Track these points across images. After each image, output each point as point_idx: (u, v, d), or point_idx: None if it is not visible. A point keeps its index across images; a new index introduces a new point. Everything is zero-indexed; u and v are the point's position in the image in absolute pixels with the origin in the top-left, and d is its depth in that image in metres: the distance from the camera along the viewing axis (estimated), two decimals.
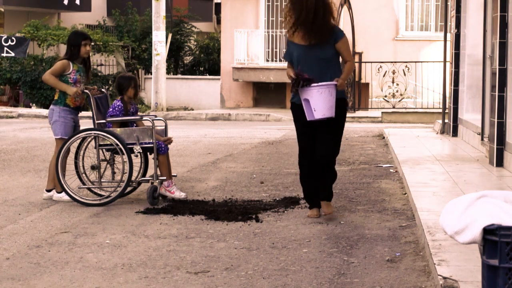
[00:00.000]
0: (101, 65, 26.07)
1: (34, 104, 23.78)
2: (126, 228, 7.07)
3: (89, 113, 8.67)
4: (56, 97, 8.43)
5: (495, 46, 9.86)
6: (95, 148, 8.31)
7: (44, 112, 22.06)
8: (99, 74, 25.04)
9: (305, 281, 5.37)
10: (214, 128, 17.73)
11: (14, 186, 9.29)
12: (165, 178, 8.33)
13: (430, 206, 7.31)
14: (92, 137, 8.28)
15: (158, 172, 8.35)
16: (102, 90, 8.76)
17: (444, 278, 4.95)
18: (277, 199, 8.44)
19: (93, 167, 8.39)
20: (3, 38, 22.60)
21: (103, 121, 8.35)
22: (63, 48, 26.24)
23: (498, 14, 9.74)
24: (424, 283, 5.30)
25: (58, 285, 5.32)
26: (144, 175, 8.77)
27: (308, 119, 6.98)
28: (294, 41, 7.16)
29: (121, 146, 8.11)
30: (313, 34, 7.10)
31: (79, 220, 7.45)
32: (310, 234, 6.76)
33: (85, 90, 8.44)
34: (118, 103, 8.45)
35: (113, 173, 8.58)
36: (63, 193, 8.29)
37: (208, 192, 8.89)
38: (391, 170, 10.52)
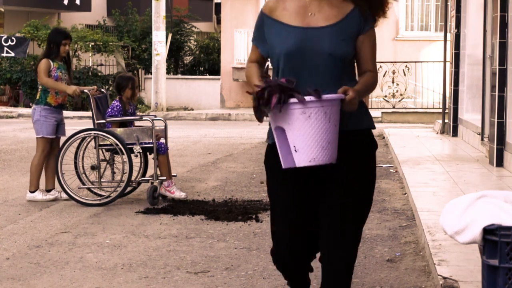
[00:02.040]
0: (101, 65, 26.05)
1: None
2: (126, 228, 7.07)
3: (89, 113, 8.66)
4: (37, 97, 8.48)
5: (495, 46, 9.86)
6: (95, 148, 8.32)
7: None
8: (99, 74, 25.04)
9: None
10: (214, 128, 17.73)
11: (14, 186, 9.29)
12: (165, 178, 8.33)
13: (430, 206, 7.31)
14: (92, 137, 8.29)
15: (158, 172, 8.34)
16: (102, 90, 8.76)
17: (444, 278, 4.95)
18: None
19: (93, 167, 8.39)
20: (3, 38, 22.59)
21: (103, 121, 8.35)
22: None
23: (498, 14, 9.74)
24: (424, 283, 5.30)
25: (58, 285, 5.32)
26: (144, 175, 8.77)
27: (283, 167, 3.75)
28: (281, 18, 3.86)
29: (120, 146, 8.11)
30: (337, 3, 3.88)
31: (79, 220, 7.45)
32: None
33: (85, 90, 8.45)
34: (116, 103, 8.45)
35: (113, 173, 8.58)
36: (36, 193, 8.31)
37: (208, 192, 8.88)
38: (391, 170, 10.52)
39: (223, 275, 5.53)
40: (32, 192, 8.36)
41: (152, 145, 8.25)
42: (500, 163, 9.79)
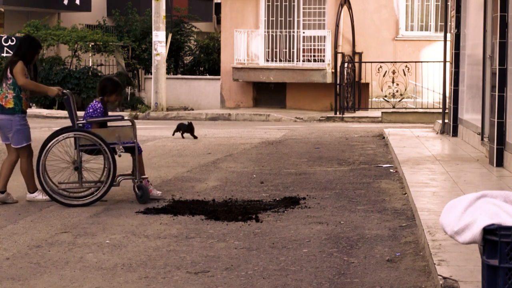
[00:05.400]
0: (101, 65, 26.05)
1: (34, 104, 23.78)
2: (126, 228, 7.07)
3: (80, 113, 8.56)
4: (10, 106, 8.15)
5: (495, 46, 9.86)
6: (75, 149, 8.26)
7: (44, 112, 22.05)
8: (99, 74, 25.04)
9: (305, 281, 5.37)
10: (214, 128, 17.72)
11: (14, 186, 9.28)
12: (146, 177, 8.35)
13: (430, 206, 7.31)
14: (56, 140, 8.23)
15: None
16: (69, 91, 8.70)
17: (444, 278, 4.95)
18: (277, 199, 8.43)
19: (76, 168, 8.27)
20: (3, 38, 22.60)
21: (84, 121, 8.32)
22: (63, 48, 26.24)
23: (498, 14, 9.74)
24: (424, 283, 5.30)
25: (58, 285, 5.32)
26: (108, 175, 8.67)
27: None
28: None
29: (104, 146, 8.11)
30: None
31: (79, 220, 7.45)
32: (310, 234, 6.76)
33: (65, 91, 8.36)
34: (99, 105, 8.42)
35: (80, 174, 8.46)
36: (36, 193, 8.29)
37: (208, 192, 8.88)
38: (391, 170, 10.52)
39: (223, 275, 5.53)
40: (31, 193, 8.35)
41: (132, 144, 8.28)
42: (500, 163, 9.79)
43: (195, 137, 15.03)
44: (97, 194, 8.17)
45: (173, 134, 15.39)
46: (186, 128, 15.23)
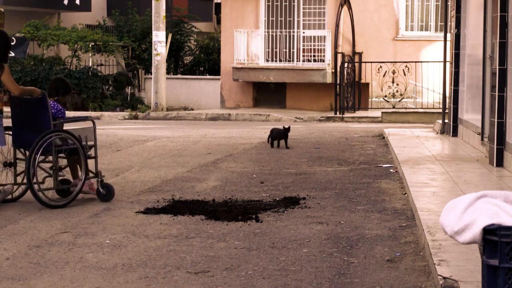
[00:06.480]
0: (101, 65, 26.05)
1: None
2: (126, 228, 7.07)
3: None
4: None
5: (495, 46, 9.86)
6: (49, 150, 8.17)
7: None
8: (99, 74, 25.04)
9: (305, 281, 5.37)
10: (214, 128, 17.73)
11: (15, 186, 9.27)
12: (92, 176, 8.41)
13: (430, 206, 7.31)
14: None
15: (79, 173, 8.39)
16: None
17: (444, 278, 4.95)
18: (277, 199, 8.43)
19: (52, 169, 8.25)
20: None
21: (58, 121, 8.32)
22: (63, 48, 26.23)
23: (498, 14, 9.74)
24: (424, 283, 5.30)
25: (58, 285, 5.32)
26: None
27: None
28: None
29: (79, 145, 8.15)
30: None
31: (79, 220, 7.45)
32: (310, 234, 6.76)
33: (43, 91, 8.33)
34: (61, 107, 8.45)
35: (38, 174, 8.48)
36: None
37: (208, 192, 8.88)
38: (391, 170, 10.52)
39: (223, 275, 5.53)
40: None
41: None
42: (500, 163, 9.79)
43: (287, 147, 13.14)
44: (71, 197, 8.17)
45: (272, 145, 13.22)
46: (279, 135, 13.16)
